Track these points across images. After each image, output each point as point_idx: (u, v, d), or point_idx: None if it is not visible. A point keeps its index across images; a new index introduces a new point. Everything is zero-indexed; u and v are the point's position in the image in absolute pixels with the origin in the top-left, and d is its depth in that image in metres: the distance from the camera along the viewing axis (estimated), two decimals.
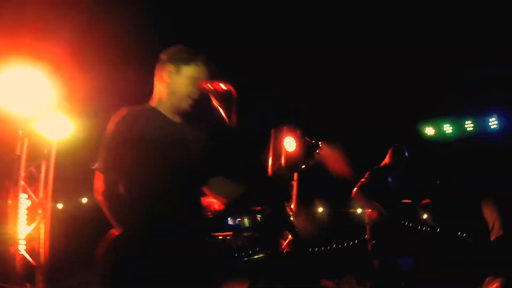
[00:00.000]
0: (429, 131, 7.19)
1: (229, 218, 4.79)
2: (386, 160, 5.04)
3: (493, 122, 6.86)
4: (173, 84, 2.11)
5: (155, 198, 2.01)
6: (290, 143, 7.77)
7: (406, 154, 4.98)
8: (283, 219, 1.68)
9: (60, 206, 8.13)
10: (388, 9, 5.39)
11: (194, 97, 2.11)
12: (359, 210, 8.25)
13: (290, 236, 6.79)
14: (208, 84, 2.09)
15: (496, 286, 4.06)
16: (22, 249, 4.68)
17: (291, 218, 6.91)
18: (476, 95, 6.65)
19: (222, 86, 2.05)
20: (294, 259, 7.37)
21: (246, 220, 5.29)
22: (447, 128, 7.15)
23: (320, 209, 9.26)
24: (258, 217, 5.63)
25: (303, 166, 2.31)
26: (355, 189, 4.92)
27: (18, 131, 4.94)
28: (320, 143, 2.34)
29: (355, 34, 5.80)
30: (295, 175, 7.67)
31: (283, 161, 7.88)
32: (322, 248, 8.01)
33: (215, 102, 2.06)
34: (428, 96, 6.84)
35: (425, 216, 6.61)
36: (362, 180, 4.91)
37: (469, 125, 7.08)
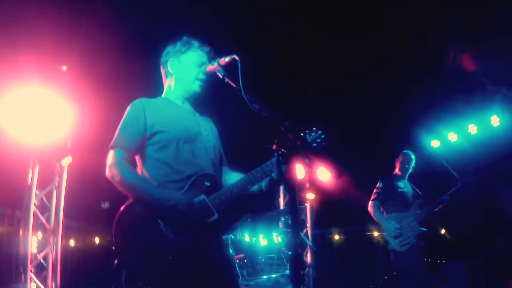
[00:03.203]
0: (435, 143, 6.97)
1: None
2: (396, 167, 5.05)
3: (495, 120, 6.53)
4: (179, 73, 2.35)
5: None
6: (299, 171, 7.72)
7: (413, 158, 4.98)
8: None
9: (72, 243, 8.09)
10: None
11: (201, 78, 2.31)
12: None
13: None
14: (211, 65, 2.21)
15: None
16: (33, 276, 4.60)
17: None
18: (472, 96, 6.45)
19: (224, 59, 2.11)
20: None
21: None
22: (452, 137, 6.87)
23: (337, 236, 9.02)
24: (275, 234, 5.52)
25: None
26: (370, 202, 4.88)
27: (28, 159, 4.97)
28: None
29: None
30: (309, 197, 7.56)
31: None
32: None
33: (224, 78, 2.10)
34: (426, 106, 6.72)
35: (443, 231, 6.41)
36: (374, 191, 4.89)
37: (472, 128, 6.75)
